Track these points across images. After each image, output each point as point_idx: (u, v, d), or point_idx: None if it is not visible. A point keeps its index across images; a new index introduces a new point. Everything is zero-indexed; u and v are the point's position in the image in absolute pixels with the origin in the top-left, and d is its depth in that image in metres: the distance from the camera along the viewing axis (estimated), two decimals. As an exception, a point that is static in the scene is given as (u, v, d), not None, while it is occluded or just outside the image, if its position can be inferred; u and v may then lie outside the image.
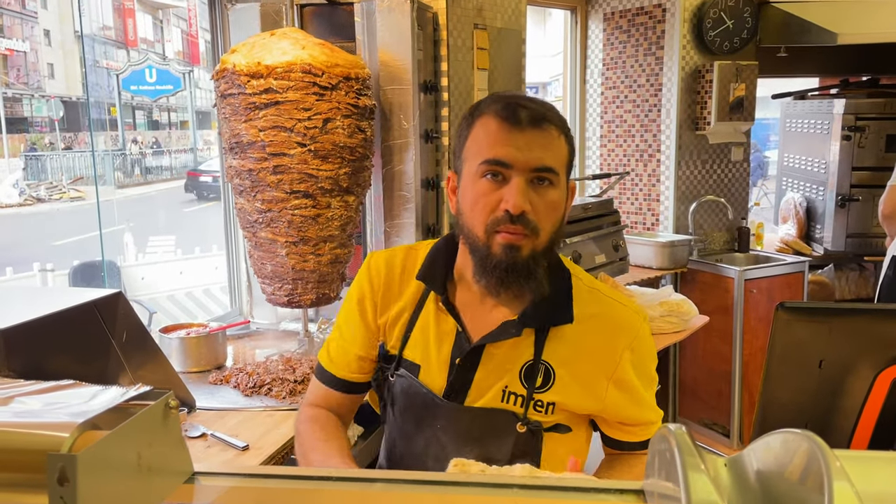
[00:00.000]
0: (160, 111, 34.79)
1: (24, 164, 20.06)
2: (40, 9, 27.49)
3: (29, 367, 1.86)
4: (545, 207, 1.16)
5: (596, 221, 2.96)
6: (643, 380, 1.29)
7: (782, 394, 0.92)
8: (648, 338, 1.31)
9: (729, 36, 3.99)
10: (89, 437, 0.57)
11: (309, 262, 2.27)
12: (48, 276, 7.00)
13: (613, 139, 4.34)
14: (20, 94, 26.16)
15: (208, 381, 2.33)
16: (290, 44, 2.18)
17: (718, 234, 4.25)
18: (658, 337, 2.82)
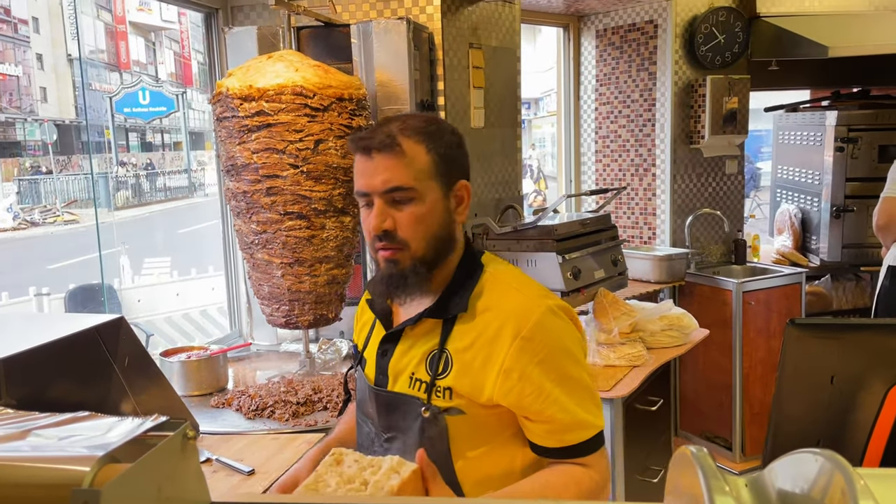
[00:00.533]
0: (153, 133, 34.83)
1: (17, 188, 20.01)
2: (33, 33, 27.57)
3: (30, 395, 1.85)
4: (408, 221, 1.26)
5: (594, 237, 2.96)
6: (548, 372, 1.24)
7: (794, 410, 0.92)
8: (551, 329, 1.27)
9: (721, 50, 4.03)
10: (110, 471, 0.57)
11: (305, 283, 2.27)
12: (44, 300, 6.96)
13: (608, 154, 4.36)
14: (13, 118, 26.16)
15: (210, 404, 2.32)
16: (284, 66, 2.19)
17: (715, 246, 4.26)
18: (660, 351, 2.83)
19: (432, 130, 1.30)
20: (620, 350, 2.69)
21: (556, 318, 1.28)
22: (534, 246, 2.76)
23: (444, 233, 1.30)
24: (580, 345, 1.32)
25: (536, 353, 1.24)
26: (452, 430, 1.28)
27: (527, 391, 1.24)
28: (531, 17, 4.14)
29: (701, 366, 3.99)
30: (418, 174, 1.26)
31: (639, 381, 2.54)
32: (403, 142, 1.26)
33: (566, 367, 1.27)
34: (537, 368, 1.24)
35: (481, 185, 3.08)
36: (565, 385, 1.25)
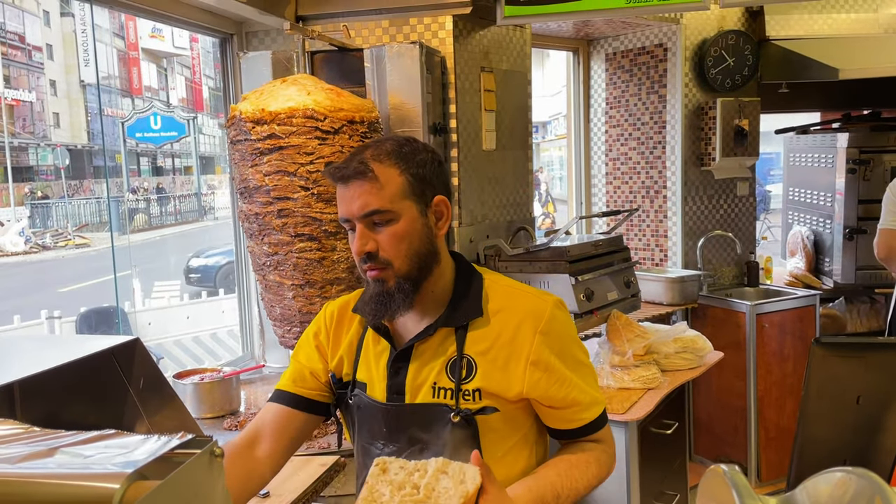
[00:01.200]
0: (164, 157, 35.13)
1: (29, 212, 20.18)
2: (46, 60, 27.97)
3: (45, 417, 1.85)
4: (388, 242, 1.33)
5: (607, 258, 2.95)
6: (565, 360, 1.37)
7: (820, 431, 0.91)
8: (562, 321, 1.40)
9: (730, 73, 4.04)
10: (139, 488, 0.57)
11: (316, 304, 2.26)
12: (55, 323, 6.99)
13: (619, 176, 4.37)
14: (26, 143, 26.46)
15: (223, 426, 2.31)
16: (297, 90, 2.21)
17: (727, 268, 4.25)
18: (674, 374, 2.80)
19: (405, 152, 1.36)
20: (635, 372, 2.67)
21: (561, 312, 1.41)
22: (546, 267, 2.76)
23: (426, 248, 1.36)
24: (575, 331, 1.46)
25: (553, 344, 1.36)
26: (484, 428, 1.34)
27: (552, 380, 1.35)
28: (541, 41, 4.17)
29: (715, 389, 3.96)
30: (393, 196, 1.32)
31: (654, 404, 2.52)
32: (376, 167, 1.33)
33: (576, 353, 1.41)
34: (557, 358, 1.36)
35: (492, 207, 3.09)
36: (579, 369, 1.40)
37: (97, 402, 1.92)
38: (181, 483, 0.60)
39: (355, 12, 2.88)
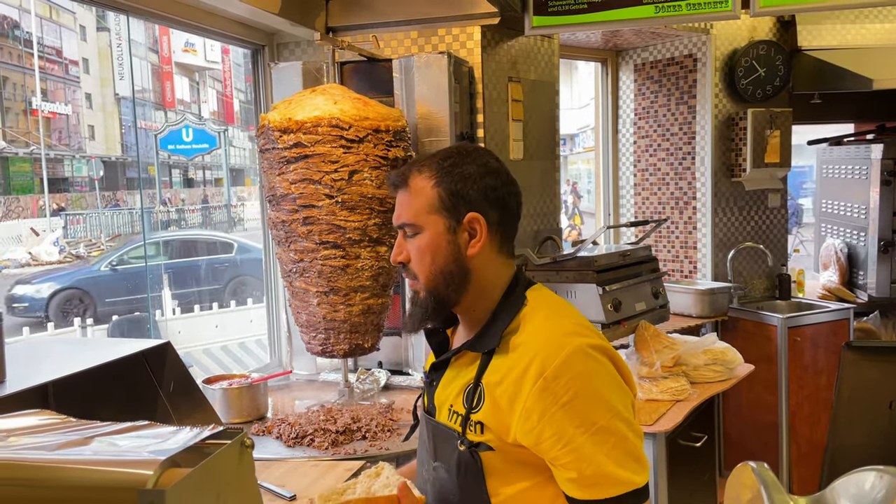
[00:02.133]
0: (196, 169, 35.65)
1: (64, 223, 20.58)
2: (83, 73, 28.60)
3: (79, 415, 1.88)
4: (414, 254, 1.31)
5: (635, 269, 2.93)
6: (571, 416, 1.16)
7: (852, 437, 0.89)
8: (580, 370, 1.18)
9: (761, 84, 4.01)
10: (172, 475, 0.58)
11: (340, 311, 2.28)
12: (88, 330, 7.11)
13: (647, 187, 4.34)
14: (62, 155, 27.04)
15: (251, 431, 2.33)
16: (324, 99, 2.24)
17: (758, 281, 4.19)
18: (703, 386, 2.77)
19: (446, 165, 1.30)
20: (663, 384, 2.64)
21: (587, 358, 1.19)
22: (573, 277, 2.75)
23: (450, 267, 1.28)
24: (619, 390, 1.22)
25: (560, 395, 1.16)
26: (487, 465, 1.24)
27: (545, 434, 1.17)
28: (570, 52, 4.18)
29: (745, 403, 3.89)
30: (419, 209, 1.30)
31: (682, 416, 2.48)
32: (412, 178, 1.31)
33: (594, 413, 1.16)
34: (560, 411, 1.16)
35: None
36: (591, 433, 1.15)
37: (128, 405, 1.95)
38: (212, 471, 0.61)
39: (385, 23, 2.91)
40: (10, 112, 25.15)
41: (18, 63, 25.19)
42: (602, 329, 2.69)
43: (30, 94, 25.14)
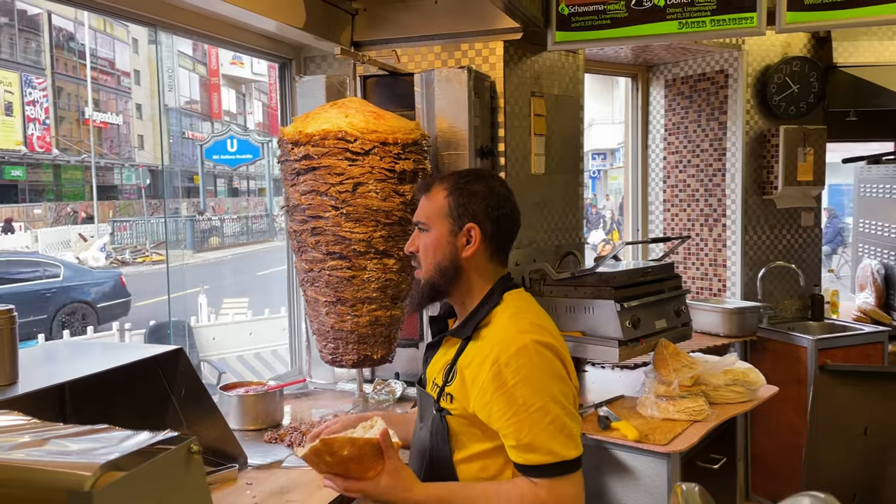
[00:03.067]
0: (240, 179, 36.33)
1: (111, 229, 21.14)
2: (134, 85, 29.42)
3: (92, 419, 1.93)
4: (422, 248, 1.62)
5: (656, 286, 2.89)
6: (514, 398, 1.44)
7: (827, 461, 0.87)
8: (525, 361, 1.45)
9: (795, 100, 3.94)
10: (111, 478, 0.59)
11: (347, 322, 2.30)
12: (126, 334, 7.28)
13: (677, 203, 4.29)
14: (112, 164, 27.82)
15: (263, 439, 2.36)
16: (337, 113, 2.27)
17: (790, 301, 4.10)
18: (724, 407, 2.71)
19: (461, 182, 1.61)
20: (680, 403, 2.59)
21: (533, 352, 1.46)
22: (591, 293, 2.73)
23: (447, 263, 1.58)
24: (559, 381, 1.48)
25: (508, 379, 1.44)
26: (452, 428, 1.54)
27: (495, 409, 1.45)
28: (599, 67, 4.16)
29: (773, 426, 3.80)
30: (431, 213, 1.61)
31: (698, 437, 2.44)
32: (434, 187, 1.63)
33: (534, 396, 1.44)
34: (507, 392, 1.44)
35: (540, 231, 3.08)
36: (530, 412, 1.43)
37: (141, 409, 2.00)
38: (152, 475, 0.62)
39: (409, 38, 2.94)
40: (64, 121, 26.00)
41: (73, 74, 26.04)
42: (619, 346, 2.66)
43: (83, 104, 25.94)
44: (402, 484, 1.47)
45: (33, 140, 23.42)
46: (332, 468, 1.48)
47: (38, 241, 18.12)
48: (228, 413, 2.48)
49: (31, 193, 24.36)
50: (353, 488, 1.48)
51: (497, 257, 1.61)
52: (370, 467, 1.47)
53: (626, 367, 3.30)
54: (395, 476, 1.47)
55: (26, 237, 18.34)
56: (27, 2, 22.49)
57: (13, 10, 22.88)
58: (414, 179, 2.30)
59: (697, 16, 2.70)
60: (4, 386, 1.59)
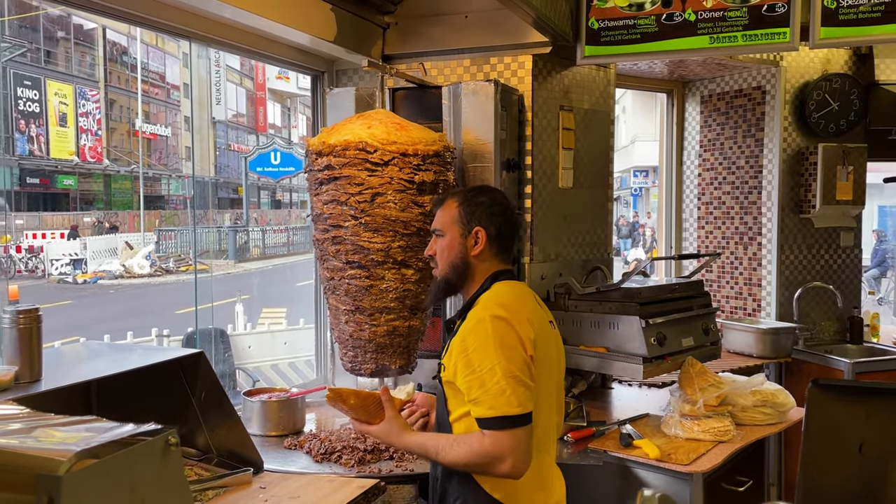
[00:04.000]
0: (283, 191, 36.88)
1: (156, 238, 21.63)
2: (183, 98, 30.16)
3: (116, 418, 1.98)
4: (438, 250, 1.92)
5: (684, 303, 2.84)
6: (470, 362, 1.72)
7: (822, 479, 0.86)
8: (482, 331, 1.72)
9: (835, 118, 3.86)
10: (84, 464, 0.61)
11: (365, 331, 2.32)
12: (164, 341, 7.42)
13: (711, 221, 4.23)
14: (159, 174, 28.51)
15: (283, 445, 2.38)
16: (361, 124, 2.30)
17: (827, 323, 3.99)
18: (751, 428, 2.65)
19: (470, 195, 1.92)
20: (705, 423, 2.54)
21: (488, 324, 1.73)
22: (616, 308, 2.70)
23: (459, 261, 1.89)
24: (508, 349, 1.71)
25: (468, 346, 1.74)
26: (446, 392, 1.83)
27: (458, 371, 1.75)
28: (634, 82, 4.14)
29: (808, 451, 3.70)
30: (446, 220, 1.92)
31: (722, 458, 2.38)
32: (447, 200, 1.94)
33: (483, 361, 1.71)
34: (465, 357, 1.73)
35: (566, 245, 3.06)
36: (480, 373, 1.71)
37: (163, 410, 2.04)
38: (124, 464, 0.63)
39: (439, 52, 2.98)
40: (115, 132, 26.77)
41: (125, 87, 26.83)
42: (644, 363, 2.63)
43: (133, 115, 26.69)
44: (395, 430, 1.85)
45: (85, 150, 24.15)
46: (348, 413, 1.89)
47: (86, 249, 18.63)
48: (251, 418, 2.52)
49: (82, 202, 25.09)
50: (361, 430, 1.90)
51: (500, 256, 1.90)
52: (375, 416, 1.86)
53: (653, 386, 3.26)
54: (390, 424, 1.86)
55: (75, 244, 18.87)
56: (83, 17, 23.27)
57: (70, 24, 23.71)
58: (434, 190, 2.31)
59: (729, 31, 2.68)
60: (28, 383, 1.64)
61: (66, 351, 2.25)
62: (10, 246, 17.72)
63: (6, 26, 20.32)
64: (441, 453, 1.77)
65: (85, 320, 12.19)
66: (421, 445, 1.83)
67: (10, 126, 20.98)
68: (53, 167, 23.20)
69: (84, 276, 17.33)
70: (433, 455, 1.80)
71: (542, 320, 1.86)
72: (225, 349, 7.13)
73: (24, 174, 22.25)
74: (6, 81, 20.51)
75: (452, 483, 1.82)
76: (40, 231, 20.00)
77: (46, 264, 17.90)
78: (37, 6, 21.08)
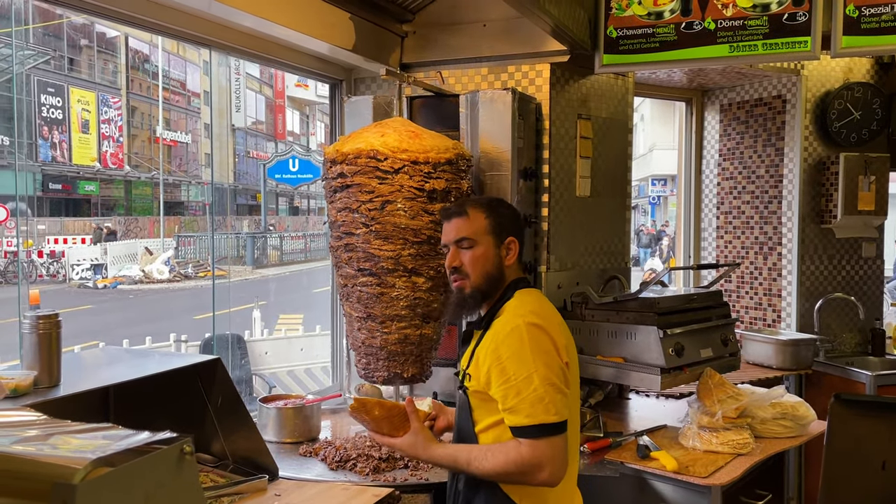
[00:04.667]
0: (301, 198, 37.07)
1: (175, 244, 21.81)
2: (203, 105, 30.46)
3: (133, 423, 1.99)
4: (469, 260, 1.87)
5: (702, 313, 2.82)
6: (505, 370, 1.71)
7: (844, 496, 0.84)
8: (515, 339, 1.72)
9: (856, 128, 3.82)
10: (99, 473, 0.61)
11: (377, 338, 2.33)
12: (182, 346, 7.47)
13: (731, 230, 4.19)
14: (179, 181, 28.77)
15: (299, 452, 2.38)
16: (375, 132, 2.32)
17: (848, 335, 3.94)
18: (771, 441, 2.62)
19: (492, 205, 1.93)
20: (724, 435, 2.51)
21: (524, 332, 1.72)
22: (634, 318, 2.68)
23: (495, 271, 1.87)
24: (545, 355, 1.72)
25: (500, 355, 1.73)
26: (472, 402, 1.82)
27: (492, 379, 1.73)
28: (652, 91, 4.12)
29: (828, 464, 3.64)
30: (476, 230, 1.87)
31: (741, 471, 2.35)
32: (469, 210, 1.89)
33: (517, 369, 1.70)
34: (501, 365, 1.72)
35: (584, 254, 3.05)
36: (517, 381, 1.70)
37: (180, 417, 2.05)
38: (140, 472, 0.63)
39: (457, 60, 2.98)
40: (136, 139, 27.07)
41: (146, 94, 27.14)
42: (661, 374, 2.60)
43: (154, 122, 26.97)
44: (422, 443, 1.80)
45: (107, 157, 24.44)
46: (370, 425, 1.83)
47: (107, 254, 18.82)
48: (266, 425, 2.52)
49: (103, 208, 25.37)
50: (384, 442, 1.84)
51: (519, 264, 1.94)
52: (399, 427, 1.82)
53: (671, 397, 3.22)
54: (416, 436, 1.81)
55: (96, 249, 19.08)
56: (106, 25, 23.59)
57: (93, 33, 24.04)
58: (446, 199, 2.31)
59: (749, 39, 2.66)
60: (47, 388, 1.66)
61: (85, 356, 2.27)
62: (32, 251, 17.95)
63: (31, 34, 20.64)
64: (474, 464, 1.73)
65: (104, 325, 12.30)
66: (450, 457, 1.79)
67: (34, 132, 21.29)
68: (75, 173, 23.49)
69: (104, 281, 17.51)
70: (464, 466, 1.76)
71: (567, 327, 1.87)
72: (242, 355, 7.17)
73: (46, 180, 22.55)
74: (30, 88, 20.83)
75: (479, 494, 1.78)
76: (62, 236, 20.24)
77: (67, 269, 18.10)
78: (60, 15, 21.39)
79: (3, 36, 18.29)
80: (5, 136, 19.71)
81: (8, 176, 19.18)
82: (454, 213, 1.91)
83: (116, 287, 17.46)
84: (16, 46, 18.29)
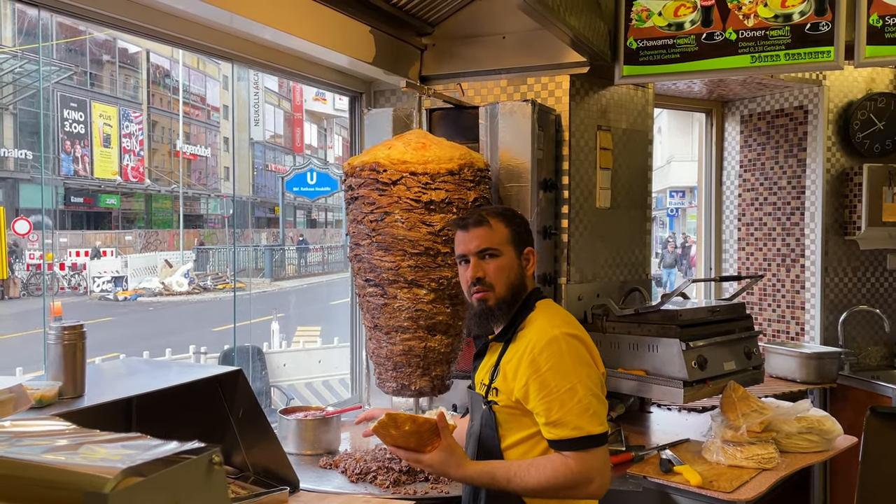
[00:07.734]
0: (318, 210, 37.27)
1: (195, 256, 21.99)
2: (222, 119, 30.76)
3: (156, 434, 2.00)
4: (493, 271, 1.84)
5: (725, 325, 2.79)
6: (546, 383, 1.68)
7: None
8: (555, 350, 1.70)
9: (880, 138, 3.78)
10: (130, 482, 0.61)
11: (384, 348, 2.34)
12: (201, 358, 7.51)
13: (752, 242, 4.15)
14: (199, 194, 29.03)
15: (319, 464, 2.38)
16: (385, 144, 2.37)
17: (874, 348, 3.88)
18: (796, 456, 2.58)
19: (509, 214, 1.91)
20: (749, 450, 2.48)
21: (562, 342, 1.72)
22: (655, 331, 2.65)
23: (518, 281, 1.86)
24: (585, 366, 1.72)
25: (541, 365, 1.70)
26: (499, 418, 1.79)
27: (531, 392, 1.70)
28: (672, 102, 4.11)
29: (855, 480, 3.58)
30: (500, 240, 1.85)
31: (766, 486, 2.32)
32: (491, 219, 1.86)
33: (563, 379, 1.68)
34: (541, 377, 1.69)
35: (604, 266, 3.03)
36: (559, 393, 1.68)
37: (201, 427, 2.05)
38: (170, 482, 0.63)
39: (476, 72, 2.99)
40: (157, 153, 27.36)
41: (167, 108, 27.47)
42: (684, 387, 2.58)
43: (174, 136, 27.27)
44: (455, 460, 1.72)
45: (128, 170, 24.73)
46: (397, 441, 1.74)
47: (127, 266, 19.01)
48: (287, 437, 2.52)
49: (124, 221, 25.65)
50: (412, 459, 1.75)
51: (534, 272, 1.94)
52: (428, 443, 1.73)
53: (693, 410, 3.19)
54: (449, 452, 1.72)
55: (116, 262, 19.27)
56: (128, 41, 23.94)
57: (115, 48, 24.40)
58: (446, 210, 2.27)
59: (771, 49, 2.64)
60: (72, 398, 1.67)
61: (106, 367, 2.29)
62: (54, 263, 18.17)
63: (54, 49, 20.98)
64: (515, 480, 1.67)
65: (125, 337, 12.40)
66: (487, 474, 1.71)
67: (57, 146, 21.59)
68: (97, 186, 23.78)
69: (124, 294, 17.67)
70: (503, 483, 1.69)
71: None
72: (261, 367, 7.19)
73: (68, 193, 22.84)
74: (53, 103, 21.15)
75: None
76: (83, 249, 20.48)
77: (88, 281, 18.30)
78: (83, 31, 21.74)
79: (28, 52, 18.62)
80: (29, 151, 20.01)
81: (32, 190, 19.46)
82: (473, 223, 1.86)
83: (136, 299, 17.61)
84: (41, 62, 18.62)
